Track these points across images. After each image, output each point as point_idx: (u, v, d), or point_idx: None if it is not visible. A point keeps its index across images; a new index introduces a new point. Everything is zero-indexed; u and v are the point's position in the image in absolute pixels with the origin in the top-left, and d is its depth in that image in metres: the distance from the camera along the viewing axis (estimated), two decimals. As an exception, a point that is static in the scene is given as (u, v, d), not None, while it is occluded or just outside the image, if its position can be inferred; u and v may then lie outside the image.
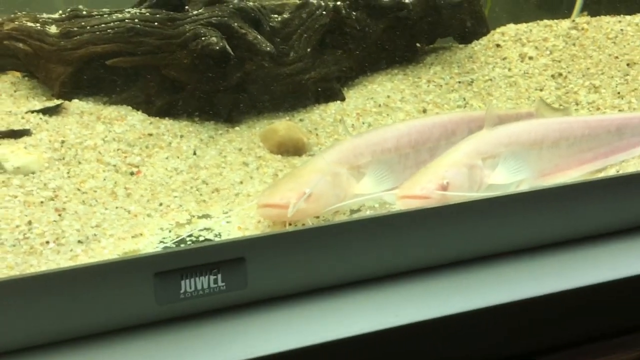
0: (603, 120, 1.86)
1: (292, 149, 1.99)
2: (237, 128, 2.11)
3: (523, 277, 1.37)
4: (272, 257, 1.26)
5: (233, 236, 1.55)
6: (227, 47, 1.99)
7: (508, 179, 1.64)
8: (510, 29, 2.61)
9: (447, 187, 1.55)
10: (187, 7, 2.10)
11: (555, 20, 2.63)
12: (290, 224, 1.56)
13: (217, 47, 1.96)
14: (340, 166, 1.67)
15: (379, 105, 2.23)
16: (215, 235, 1.55)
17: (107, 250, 1.48)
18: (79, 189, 1.70)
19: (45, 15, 2.10)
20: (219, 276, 1.23)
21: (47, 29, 2.05)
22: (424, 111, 2.21)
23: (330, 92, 2.28)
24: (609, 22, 2.58)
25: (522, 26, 2.62)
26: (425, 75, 2.43)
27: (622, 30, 2.52)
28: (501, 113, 2.01)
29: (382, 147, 1.76)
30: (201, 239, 1.54)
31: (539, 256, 1.43)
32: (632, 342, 1.42)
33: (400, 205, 1.54)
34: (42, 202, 1.62)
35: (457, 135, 1.87)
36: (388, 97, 2.28)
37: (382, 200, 1.65)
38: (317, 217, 1.62)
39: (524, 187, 1.64)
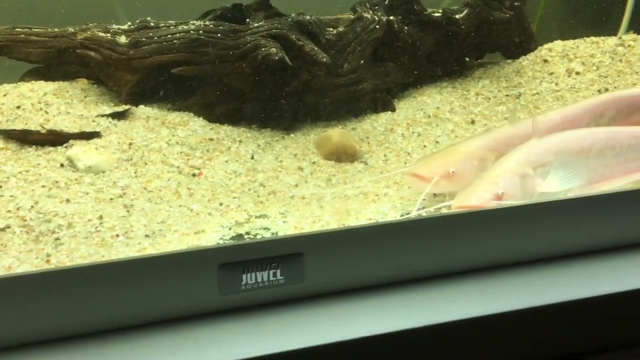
0: None
1: (345, 155, 2.06)
2: (292, 135, 2.20)
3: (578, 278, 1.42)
4: (328, 253, 1.32)
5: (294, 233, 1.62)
6: (286, 57, 2.08)
7: (560, 187, 1.67)
8: (558, 45, 2.65)
9: (502, 196, 1.59)
10: (248, 19, 2.21)
11: (602, 37, 2.67)
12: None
13: (276, 58, 2.06)
14: (489, 152, 1.77)
15: (429, 116, 2.30)
16: (272, 234, 1.62)
17: (172, 245, 1.56)
18: (145, 188, 1.80)
19: (115, 26, 2.22)
20: (278, 270, 1.29)
21: (117, 38, 2.17)
22: (472, 122, 2.27)
23: (381, 102, 2.36)
24: (656, 40, 2.61)
25: (569, 42, 2.65)
26: (473, 88, 2.48)
27: (668, 47, 2.55)
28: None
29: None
30: (259, 237, 1.61)
31: (591, 260, 1.48)
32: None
33: None
34: (111, 198, 1.72)
35: (604, 117, 1.96)
36: (437, 108, 2.34)
37: None
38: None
39: (571, 195, 1.67)
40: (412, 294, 1.36)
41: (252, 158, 2.02)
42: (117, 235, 1.58)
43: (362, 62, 2.29)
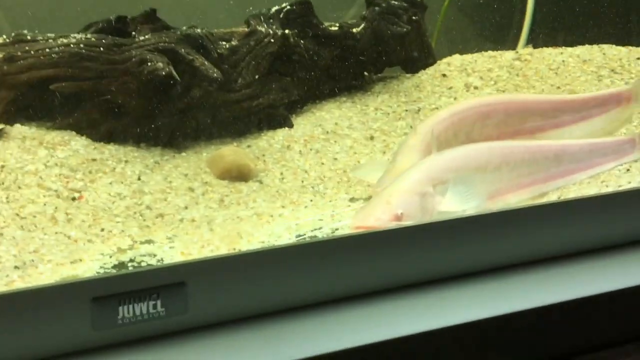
0: (542, 146, 1.88)
1: (239, 174, 1.98)
2: (183, 154, 2.10)
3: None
4: (213, 282, 1.24)
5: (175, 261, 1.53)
6: (174, 72, 1.98)
7: (458, 206, 1.64)
8: (456, 59, 2.67)
9: (401, 217, 1.55)
10: (134, 33, 2.10)
11: (500, 52, 2.71)
12: None
13: (163, 73, 1.96)
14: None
15: (327, 132, 2.25)
16: (158, 261, 1.53)
17: (44, 276, 1.45)
18: (17, 214, 1.66)
19: (-12, 41, 2.07)
20: (159, 301, 1.20)
21: (-11, 53, 2.02)
22: (372, 138, 2.23)
23: (278, 118, 2.29)
24: (551, 54, 2.66)
25: (468, 57, 2.68)
26: (372, 103, 2.45)
27: (563, 61, 2.60)
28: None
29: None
30: (143, 264, 1.51)
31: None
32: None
33: None
34: (-21, 228, 1.58)
35: (491, 118, 1.99)
36: (336, 124, 2.30)
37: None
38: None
39: (469, 211, 1.64)
40: (306, 321, 1.30)
41: (139, 179, 1.91)
42: (-18, 268, 1.44)
43: (257, 77, 2.21)
